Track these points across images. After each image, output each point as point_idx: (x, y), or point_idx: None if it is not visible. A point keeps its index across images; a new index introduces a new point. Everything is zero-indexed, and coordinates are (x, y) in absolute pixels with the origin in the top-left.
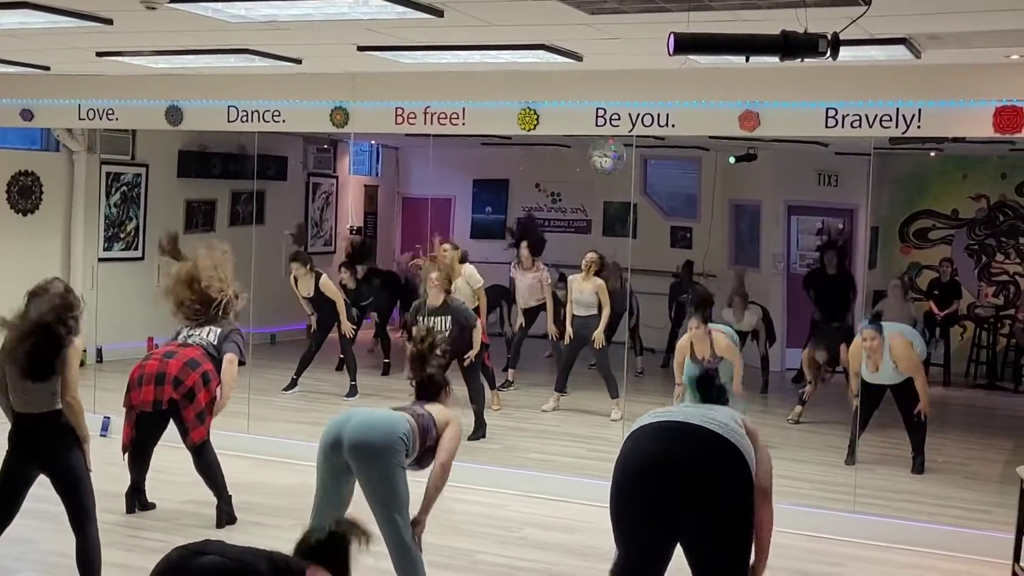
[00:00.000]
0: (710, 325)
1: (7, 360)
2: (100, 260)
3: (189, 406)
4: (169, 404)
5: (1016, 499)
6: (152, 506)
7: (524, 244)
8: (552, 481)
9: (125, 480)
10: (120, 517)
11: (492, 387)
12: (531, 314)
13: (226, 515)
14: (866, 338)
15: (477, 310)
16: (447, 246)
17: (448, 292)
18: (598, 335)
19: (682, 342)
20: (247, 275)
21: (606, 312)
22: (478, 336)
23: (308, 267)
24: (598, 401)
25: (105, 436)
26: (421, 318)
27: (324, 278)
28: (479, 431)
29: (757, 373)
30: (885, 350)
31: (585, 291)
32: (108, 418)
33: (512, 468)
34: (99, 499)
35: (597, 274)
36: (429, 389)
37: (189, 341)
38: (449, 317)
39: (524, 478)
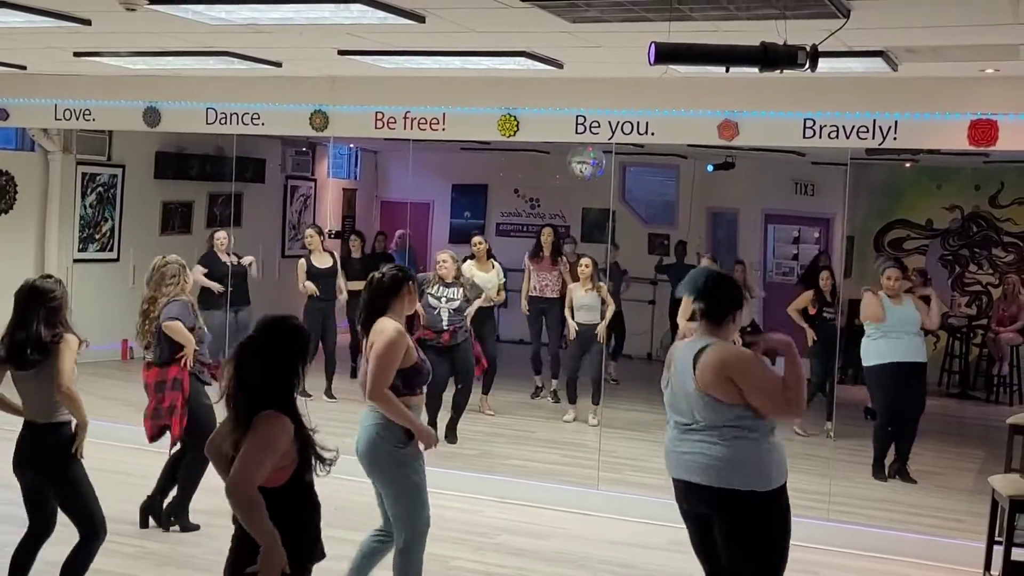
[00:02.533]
0: None
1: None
2: (75, 261)
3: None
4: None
5: (987, 508)
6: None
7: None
8: (528, 487)
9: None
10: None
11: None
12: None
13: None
14: (890, 277)
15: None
16: (479, 239)
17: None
18: (601, 329)
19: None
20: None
21: (610, 311)
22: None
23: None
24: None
25: None
26: (428, 288)
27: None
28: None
29: None
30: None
31: (587, 297)
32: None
33: (488, 474)
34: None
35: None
36: None
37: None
38: (460, 288)
39: (500, 484)
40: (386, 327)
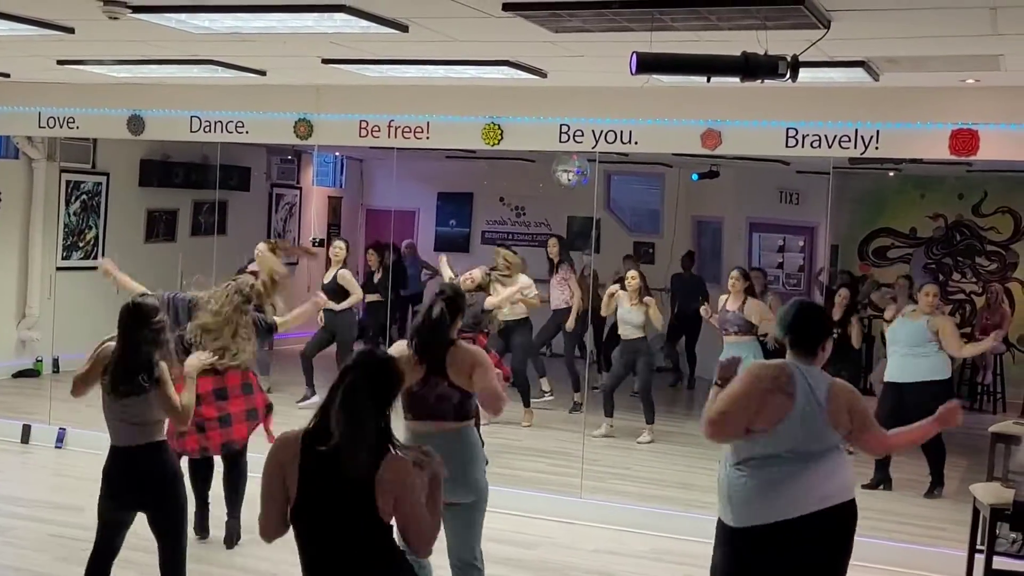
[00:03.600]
0: None
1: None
2: (58, 269)
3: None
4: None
5: (969, 516)
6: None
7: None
8: (512, 496)
9: (73, 491)
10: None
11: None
12: None
13: (236, 533)
14: (928, 293)
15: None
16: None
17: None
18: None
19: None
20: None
21: (657, 326)
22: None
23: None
24: (563, 418)
25: (60, 448)
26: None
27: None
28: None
29: None
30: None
31: (634, 313)
32: (63, 429)
33: None
34: (46, 511)
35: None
36: None
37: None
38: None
39: None
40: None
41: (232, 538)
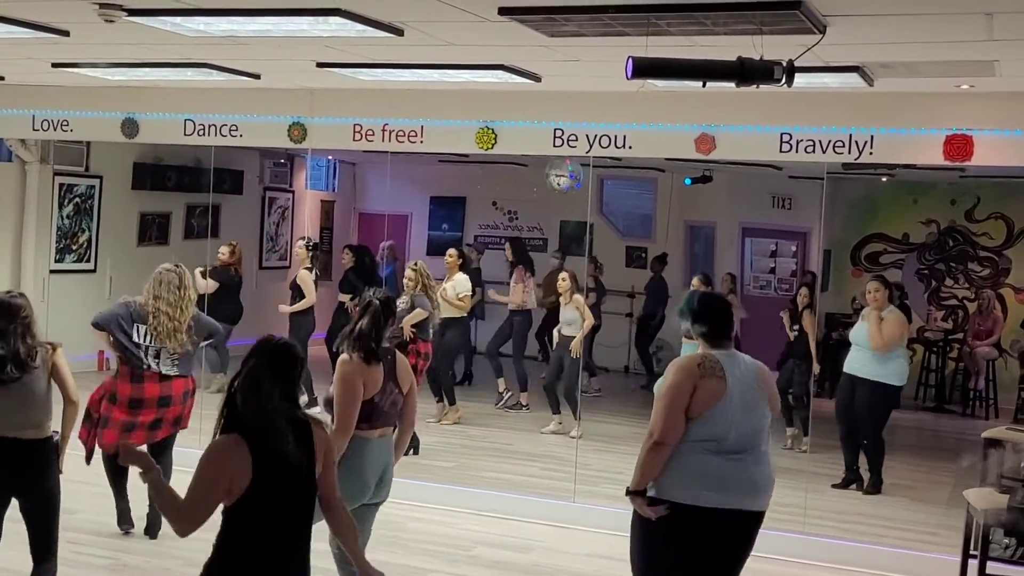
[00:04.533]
0: None
1: None
2: (51, 272)
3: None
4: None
5: (963, 521)
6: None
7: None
8: (505, 500)
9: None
10: None
11: (451, 402)
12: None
13: (157, 524)
14: (870, 290)
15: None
16: (451, 251)
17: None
18: (575, 344)
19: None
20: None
21: (587, 324)
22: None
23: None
24: (547, 420)
25: None
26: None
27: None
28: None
29: None
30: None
31: (567, 311)
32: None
33: (465, 486)
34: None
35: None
36: None
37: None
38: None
39: (477, 496)
40: None
41: (154, 529)
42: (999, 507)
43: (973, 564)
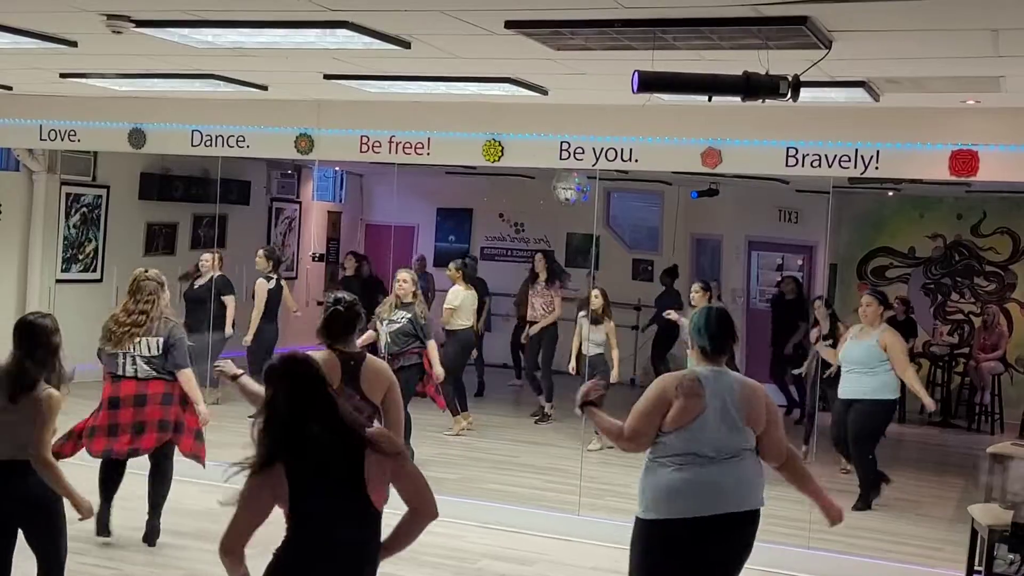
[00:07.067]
0: None
1: None
2: (58, 281)
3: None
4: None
5: (967, 537)
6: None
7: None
8: (510, 512)
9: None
10: None
11: (462, 409)
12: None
13: (156, 531)
14: (862, 304)
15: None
16: (451, 264)
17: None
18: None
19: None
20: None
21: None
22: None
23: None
24: (559, 433)
25: None
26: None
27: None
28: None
29: None
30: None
31: (595, 332)
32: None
33: (470, 499)
34: None
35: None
36: None
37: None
38: (410, 310)
39: (482, 509)
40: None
41: (152, 537)
42: (1004, 523)
43: None
